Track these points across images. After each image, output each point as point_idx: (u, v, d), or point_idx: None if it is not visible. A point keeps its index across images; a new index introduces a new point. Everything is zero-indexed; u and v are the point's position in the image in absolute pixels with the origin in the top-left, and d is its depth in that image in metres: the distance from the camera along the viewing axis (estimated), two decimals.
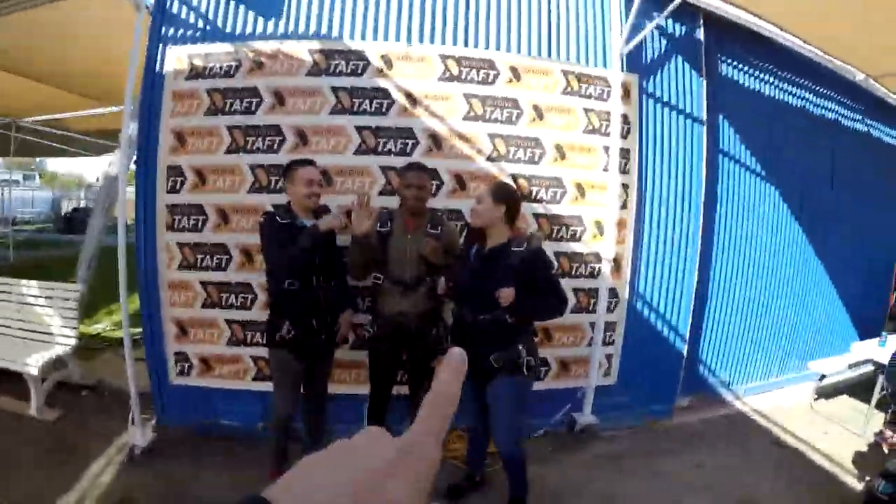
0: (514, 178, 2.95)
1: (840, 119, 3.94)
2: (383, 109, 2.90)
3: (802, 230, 3.73)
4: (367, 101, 2.89)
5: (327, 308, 2.51)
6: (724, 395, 3.67)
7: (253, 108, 2.95)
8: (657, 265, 3.23)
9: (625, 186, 3.12)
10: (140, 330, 3.21)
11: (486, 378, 2.37)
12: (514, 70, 2.99)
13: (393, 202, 2.72)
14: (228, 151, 2.97)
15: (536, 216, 3.00)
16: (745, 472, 2.93)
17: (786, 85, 3.67)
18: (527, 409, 2.49)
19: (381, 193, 2.90)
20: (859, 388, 3.82)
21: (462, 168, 2.94)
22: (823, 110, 3.84)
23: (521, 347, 2.33)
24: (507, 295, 2.15)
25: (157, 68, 3.02)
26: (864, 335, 4.04)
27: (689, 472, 2.94)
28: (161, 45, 2.97)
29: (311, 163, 2.47)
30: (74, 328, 3.65)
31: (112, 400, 3.63)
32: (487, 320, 2.26)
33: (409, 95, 2.91)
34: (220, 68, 2.98)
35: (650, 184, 3.18)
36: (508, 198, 2.30)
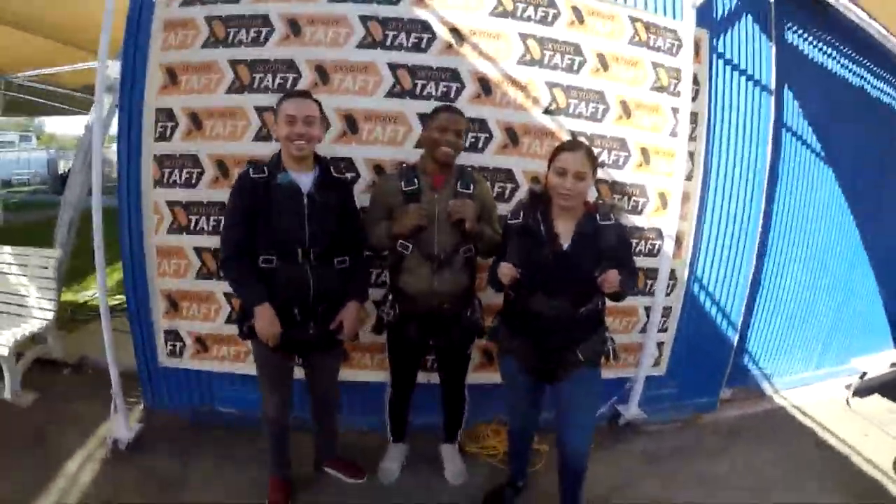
0: (574, 135, 2.22)
1: None
2: (422, 45, 2.12)
3: (854, 220, 3.10)
4: (402, 35, 2.11)
5: (319, 292, 1.73)
6: (764, 388, 3.07)
7: (262, 39, 2.15)
8: (717, 246, 2.56)
9: (691, 155, 2.42)
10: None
11: (553, 376, 1.70)
12: (576, 10, 2.23)
13: None
14: (230, 91, 2.17)
15: (597, 182, 2.26)
16: (792, 475, 2.39)
17: (847, 62, 2.98)
18: None
19: (417, 146, 2.12)
20: (890, 388, 3.26)
21: (515, 119, 2.19)
22: (881, 93, 3.17)
23: (607, 334, 1.69)
24: (613, 280, 1.50)
25: None
26: None
27: (736, 474, 2.39)
28: None
29: (301, 94, 1.70)
30: (52, 300, 2.84)
31: (96, 380, 2.83)
32: (586, 312, 1.57)
33: (453, 30, 2.13)
34: None
35: (716, 154, 2.48)
36: (597, 165, 1.63)
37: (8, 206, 7.15)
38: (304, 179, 1.70)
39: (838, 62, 2.96)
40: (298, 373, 1.98)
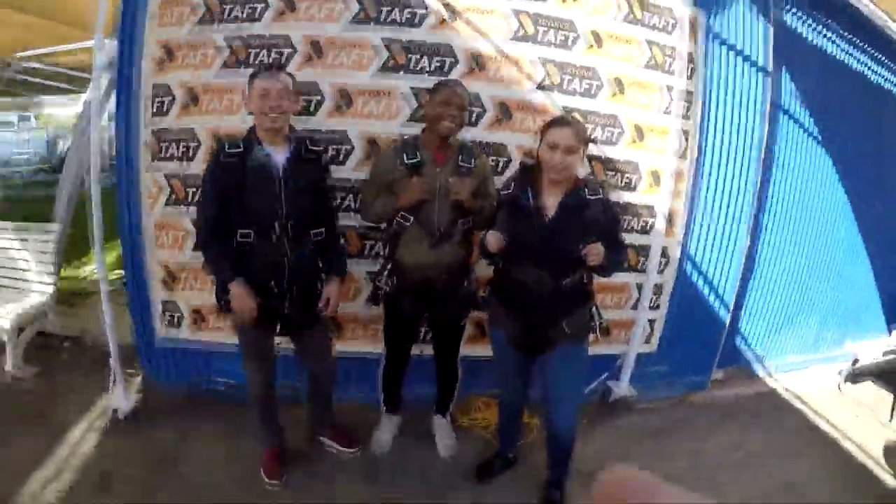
0: (568, 111, 2.23)
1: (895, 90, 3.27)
2: (415, 20, 2.14)
3: (850, 203, 3.10)
4: (396, 10, 2.13)
5: (296, 268, 1.76)
6: (757, 370, 3.09)
7: (257, 15, 2.17)
8: (710, 225, 2.58)
9: (684, 133, 2.43)
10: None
11: (540, 349, 1.74)
12: None
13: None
14: (226, 66, 2.20)
15: (590, 159, 2.29)
16: (783, 456, 2.42)
17: (846, 45, 2.97)
18: None
19: (410, 120, 2.15)
20: (881, 375, 3.26)
21: (508, 95, 2.21)
22: (880, 78, 3.16)
23: (593, 309, 1.71)
24: (597, 252, 1.53)
25: None
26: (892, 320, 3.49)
27: (728, 452, 2.42)
28: None
29: (273, 68, 1.70)
30: (53, 273, 2.89)
31: (96, 353, 2.89)
32: (570, 285, 1.61)
33: (447, 5, 2.15)
34: None
35: (710, 133, 2.49)
36: (587, 140, 1.66)
37: (9, 184, 7.19)
38: (280, 155, 1.71)
39: (837, 45, 2.95)
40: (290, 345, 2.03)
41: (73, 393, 2.51)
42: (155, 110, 2.26)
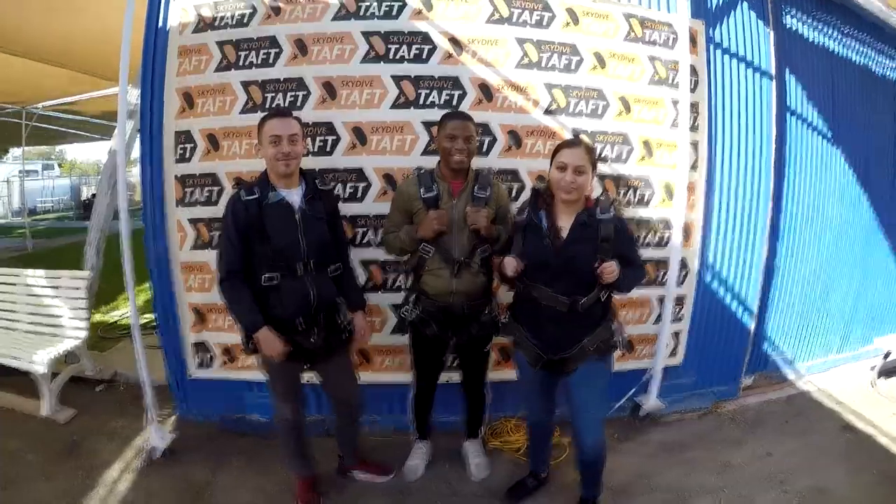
0: (576, 133, 2.29)
1: None
2: (423, 56, 2.22)
3: (868, 198, 3.09)
4: (404, 47, 2.22)
5: (320, 301, 1.82)
6: (786, 374, 3.06)
7: (271, 60, 2.27)
8: (727, 234, 2.59)
9: (694, 145, 2.46)
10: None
11: (564, 367, 1.76)
12: (570, 12, 2.31)
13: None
14: (244, 111, 2.30)
15: (602, 177, 2.33)
16: (816, 460, 2.37)
17: (849, 41, 2.99)
18: None
19: (424, 153, 2.22)
20: None
21: (517, 122, 2.27)
22: (886, 70, 3.16)
23: (613, 326, 1.74)
24: (611, 270, 1.56)
25: (160, 23, 2.34)
26: None
27: (759, 461, 2.38)
28: None
29: (281, 113, 1.75)
30: (85, 319, 2.99)
31: (129, 394, 2.99)
32: (587, 304, 1.64)
33: (452, 40, 2.23)
34: (232, 17, 2.30)
35: (720, 143, 2.53)
36: (596, 161, 1.71)
37: (35, 233, 7.44)
38: (294, 196, 1.78)
39: (840, 42, 2.97)
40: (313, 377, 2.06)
41: (109, 433, 2.58)
42: (178, 156, 2.36)
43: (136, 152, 2.62)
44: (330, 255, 1.86)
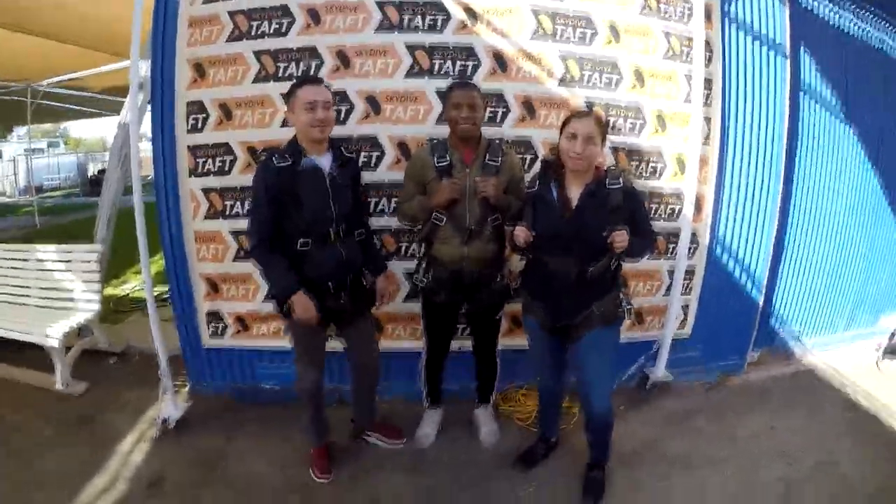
0: (590, 104, 2.29)
1: None
2: (438, 26, 2.22)
3: (879, 180, 3.08)
4: (418, 17, 2.21)
5: (348, 265, 1.86)
6: (792, 350, 3.09)
7: (284, 30, 2.27)
8: (738, 208, 2.60)
9: (707, 120, 2.46)
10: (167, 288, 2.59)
11: (572, 333, 1.79)
12: None
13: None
14: (256, 80, 2.30)
15: (614, 149, 2.34)
16: (821, 435, 2.41)
17: (863, 21, 2.96)
18: None
19: (438, 122, 2.23)
20: None
21: (531, 92, 2.27)
22: None
23: (621, 293, 1.77)
24: (622, 238, 1.59)
25: None
26: None
27: (764, 435, 2.42)
28: None
29: (315, 80, 1.77)
30: (97, 292, 3.03)
31: (142, 366, 3.03)
32: (596, 271, 1.67)
33: (467, 9, 2.22)
34: None
35: (733, 118, 2.52)
36: (606, 131, 1.73)
37: (42, 210, 7.45)
38: (324, 161, 1.81)
39: (854, 22, 2.95)
40: (335, 345, 2.11)
41: (122, 405, 2.63)
42: (190, 127, 2.37)
43: (145, 126, 2.62)
44: (355, 220, 1.91)
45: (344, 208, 1.82)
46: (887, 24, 3.07)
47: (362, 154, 2.25)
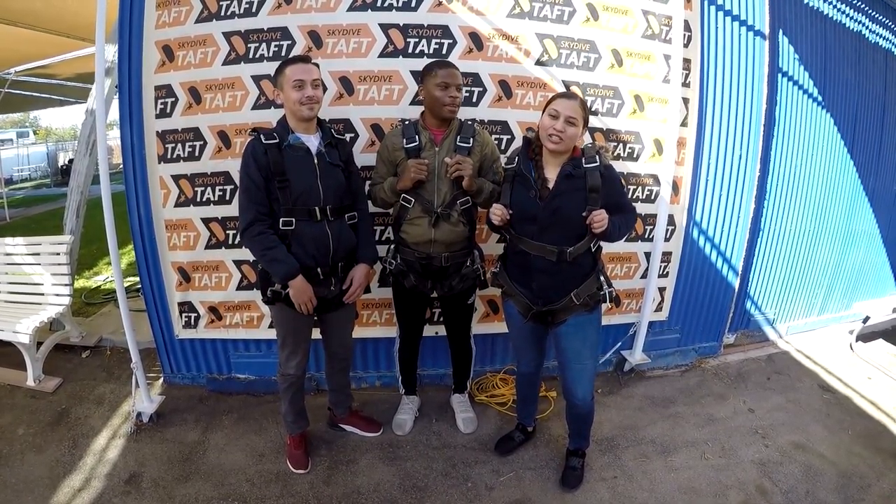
0: (567, 85, 2.24)
1: (894, 49, 3.25)
2: (412, 4, 2.14)
3: (854, 165, 3.11)
4: None
5: (338, 249, 1.79)
6: (767, 333, 3.13)
7: (254, 10, 2.17)
8: (715, 191, 2.59)
9: (685, 101, 2.44)
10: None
11: (553, 319, 1.75)
12: None
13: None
14: (226, 62, 2.20)
15: (592, 130, 2.30)
16: (795, 417, 2.44)
17: (842, 6, 2.96)
18: None
19: (413, 103, 2.16)
20: (893, 333, 3.32)
21: (507, 72, 2.21)
22: (878, 37, 3.15)
23: (601, 278, 1.72)
24: (601, 219, 1.55)
25: None
26: None
27: (741, 416, 2.44)
28: None
29: (303, 59, 1.71)
30: (68, 285, 2.91)
31: (115, 359, 2.95)
32: (574, 253, 1.62)
33: None
34: None
35: (711, 100, 2.50)
36: (588, 117, 1.67)
37: (13, 202, 7.18)
38: (312, 140, 1.75)
39: (833, 6, 2.94)
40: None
41: (97, 400, 2.54)
42: (158, 112, 2.27)
43: (114, 113, 2.51)
44: (346, 202, 1.83)
45: (332, 188, 1.75)
46: (865, 7, 3.08)
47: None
